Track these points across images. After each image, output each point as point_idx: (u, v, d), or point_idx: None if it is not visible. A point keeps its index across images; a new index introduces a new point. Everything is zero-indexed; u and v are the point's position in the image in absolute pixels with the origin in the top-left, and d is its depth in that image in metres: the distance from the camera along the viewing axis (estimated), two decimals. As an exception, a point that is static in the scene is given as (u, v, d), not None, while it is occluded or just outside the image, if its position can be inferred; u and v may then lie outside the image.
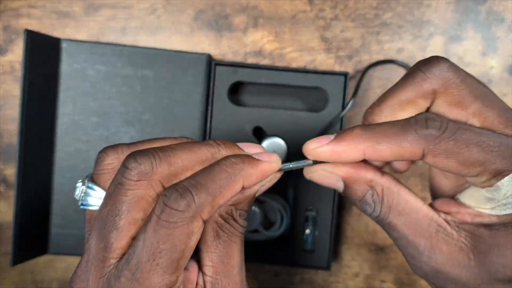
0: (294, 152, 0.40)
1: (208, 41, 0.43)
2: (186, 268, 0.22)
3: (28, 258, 0.38)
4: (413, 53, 0.43)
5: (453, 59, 0.43)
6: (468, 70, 0.43)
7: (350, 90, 0.43)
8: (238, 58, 0.43)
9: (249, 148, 0.24)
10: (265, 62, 0.43)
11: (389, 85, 0.43)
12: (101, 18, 0.43)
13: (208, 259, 0.22)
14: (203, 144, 0.22)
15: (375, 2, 0.43)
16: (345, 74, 0.40)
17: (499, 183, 0.21)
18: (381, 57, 0.43)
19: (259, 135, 0.41)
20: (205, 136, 0.40)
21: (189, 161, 0.21)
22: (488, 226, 0.21)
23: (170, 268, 0.19)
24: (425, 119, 0.21)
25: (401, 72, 0.43)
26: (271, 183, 0.24)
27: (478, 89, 0.23)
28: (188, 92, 0.40)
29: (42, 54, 0.38)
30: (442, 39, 0.43)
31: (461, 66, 0.42)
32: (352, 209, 0.44)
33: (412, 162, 0.29)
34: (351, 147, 0.22)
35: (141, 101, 0.40)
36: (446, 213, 0.23)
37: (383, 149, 0.21)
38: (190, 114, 0.40)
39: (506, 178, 0.20)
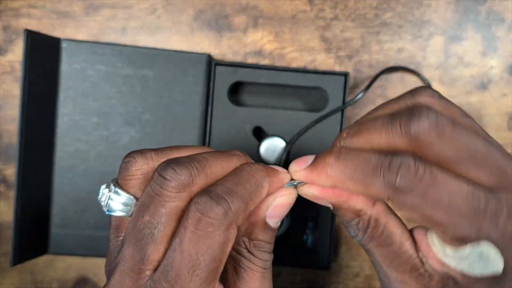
0: (294, 152, 0.40)
1: (208, 41, 0.43)
2: None
3: (28, 258, 0.38)
4: (413, 53, 0.43)
5: (453, 59, 0.43)
6: (468, 70, 0.43)
7: (351, 90, 0.43)
8: (238, 58, 0.43)
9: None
10: (265, 62, 0.43)
11: (388, 86, 0.43)
12: (101, 18, 0.43)
13: None
14: (231, 154, 0.22)
15: (375, 2, 0.43)
16: (345, 74, 0.40)
17: (461, 252, 0.20)
18: (381, 57, 0.43)
19: (259, 135, 0.41)
20: (205, 136, 0.40)
21: (222, 172, 0.21)
22: (455, 281, 0.20)
23: (209, 278, 0.19)
24: (398, 166, 0.19)
25: (400, 75, 0.43)
26: (286, 206, 0.23)
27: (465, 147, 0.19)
28: (188, 92, 0.40)
29: (42, 54, 0.38)
30: (442, 39, 0.43)
31: (461, 66, 0.43)
32: (352, 209, 0.44)
33: None
34: (322, 177, 0.21)
35: (141, 101, 0.40)
36: (420, 248, 0.22)
37: (350, 185, 0.20)
38: (190, 114, 0.40)
39: (468, 249, 0.19)
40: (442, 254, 0.21)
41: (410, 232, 0.23)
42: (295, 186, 0.24)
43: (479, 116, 0.43)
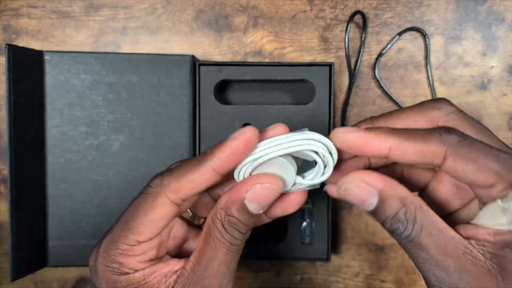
0: None
1: (208, 41, 0.43)
2: (163, 261, 0.25)
3: (27, 273, 0.38)
4: (413, 53, 0.43)
5: (453, 59, 0.43)
6: (468, 70, 0.43)
7: (337, 81, 0.43)
8: (238, 58, 0.43)
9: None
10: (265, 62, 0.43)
11: (389, 86, 0.43)
12: (101, 18, 0.43)
13: (192, 255, 0.25)
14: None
15: (375, 2, 0.43)
16: (329, 65, 0.40)
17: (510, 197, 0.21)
18: (381, 57, 0.43)
19: None
20: (195, 137, 0.40)
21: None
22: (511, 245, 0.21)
23: (134, 229, 0.24)
24: (448, 128, 0.22)
25: (400, 75, 0.43)
26: (265, 195, 0.24)
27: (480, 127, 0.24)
28: (174, 95, 0.40)
29: (26, 67, 0.37)
30: (442, 39, 0.43)
31: (461, 66, 0.43)
32: (352, 209, 0.44)
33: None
34: (379, 139, 0.22)
35: (129, 107, 0.40)
36: (466, 237, 0.23)
37: (408, 146, 0.22)
38: (178, 116, 0.40)
39: None
40: (495, 220, 0.22)
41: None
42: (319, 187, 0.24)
43: (479, 116, 0.43)
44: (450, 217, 0.26)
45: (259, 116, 0.40)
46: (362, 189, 0.23)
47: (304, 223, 0.41)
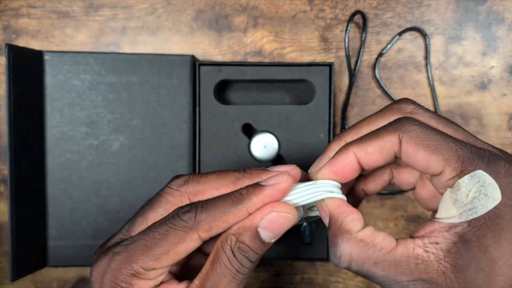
0: (285, 146, 0.40)
1: (208, 41, 0.43)
2: (166, 282, 0.25)
3: (27, 273, 0.38)
4: (413, 53, 0.43)
5: (453, 59, 0.43)
6: (468, 70, 0.43)
7: (337, 81, 0.43)
8: (238, 58, 0.43)
9: (276, 169, 0.25)
10: (265, 62, 0.43)
11: (389, 86, 0.43)
12: (101, 18, 0.43)
13: (197, 277, 0.24)
14: (232, 171, 0.25)
15: (375, 2, 0.43)
16: (329, 65, 0.40)
17: (459, 181, 0.22)
18: (381, 57, 0.43)
19: (248, 131, 0.41)
20: (195, 137, 0.40)
21: (217, 183, 0.25)
22: (463, 239, 0.21)
23: (155, 255, 0.23)
24: (399, 118, 0.24)
25: (400, 75, 0.43)
26: (280, 223, 0.24)
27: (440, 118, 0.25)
28: (174, 95, 0.40)
29: (26, 67, 0.37)
30: (442, 39, 0.43)
31: (461, 66, 0.43)
32: (352, 209, 0.44)
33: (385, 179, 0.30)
34: (344, 156, 0.24)
35: (128, 107, 0.40)
36: (423, 236, 0.23)
37: (368, 146, 0.24)
38: (178, 116, 0.40)
39: (466, 176, 0.22)
40: (448, 212, 0.22)
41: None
42: (301, 207, 0.25)
43: (479, 116, 0.43)
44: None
45: (259, 116, 0.40)
46: (321, 208, 0.25)
47: (304, 223, 0.41)
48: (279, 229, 0.24)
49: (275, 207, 0.23)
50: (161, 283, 0.25)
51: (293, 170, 0.25)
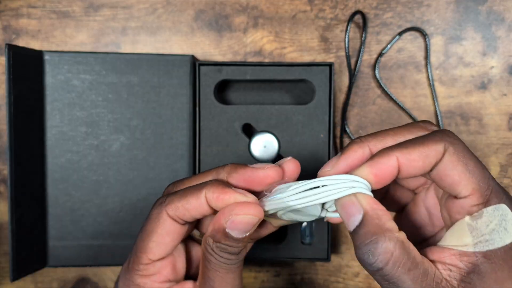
0: (285, 146, 0.40)
1: (208, 41, 0.43)
2: (178, 283, 0.27)
3: (27, 273, 0.38)
4: (413, 53, 0.43)
5: (453, 59, 0.43)
6: (468, 70, 0.43)
7: (337, 81, 0.43)
8: (238, 58, 0.43)
9: (262, 168, 0.26)
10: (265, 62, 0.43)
11: (389, 86, 0.43)
12: (101, 18, 0.43)
13: (198, 278, 0.27)
14: (216, 168, 0.26)
15: (375, 2, 0.43)
16: (329, 65, 0.40)
17: (484, 210, 0.22)
18: (381, 57, 0.43)
19: (248, 132, 0.41)
20: (195, 137, 0.40)
21: (196, 181, 0.26)
22: (478, 270, 0.21)
23: (146, 248, 0.26)
24: (442, 129, 0.23)
25: (400, 75, 0.43)
26: (244, 223, 0.24)
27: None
28: (174, 95, 0.40)
29: (26, 67, 0.37)
30: (442, 39, 0.43)
31: (461, 66, 0.43)
32: (352, 209, 0.44)
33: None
34: (386, 159, 0.23)
35: (129, 107, 0.40)
36: (432, 260, 0.23)
37: (413, 152, 0.23)
38: (178, 116, 0.40)
39: (491, 207, 0.22)
40: (461, 240, 0.22)
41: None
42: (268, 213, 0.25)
43: (479, 116, 0.43)
44: (420, 244, 0.26)
45: (259, 116, 0.40)
46: (351, 203, 0.23)
47: (304, 223, 0.41)
48: (246, 227, 0.24)
49: (234, 209, 0.24)
50: (174, 284, 0.27)
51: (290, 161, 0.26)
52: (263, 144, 0.40)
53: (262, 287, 0.44)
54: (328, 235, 0.41)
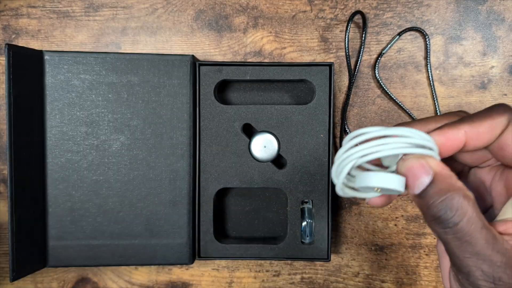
0: (285, 146, 0.40)
1: (208, 41, 0.43)
2: None
3: (27, 273, 0.38)
4: (413, 53, 0.43)
5: (453, 59, 0.43)
6: (468, 70, 0.43)
7: (337, 81, 0.43)
8: (238, 58, 0.43)
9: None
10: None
11: (389, 86, 0.43)
12: (101, 18, 0.43)
13: None
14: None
15: (375, 2, 0.43)
16: (329, 65, 0.40)
17: None
18: (381, 57, 0.43)
19: (248, 131, 0.41)
20: (195, 136, 0.40)
21: None
22: None
23: None
24: (501, 103, 0.24)
25: (400, 75, 0.43)
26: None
27: None
28: (174, 95, 0.40)
29: (26, 67, 0.37)
30: (442, 39, 0.43)
31: (461, 66, 0.43)
32: (352, 209, 0.44)
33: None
34: (455, 130, 0.24)
35: (129, 107, 0.40)
36: (500, 233, 0.23)
37: (480, 126, 0.24)
38: (179, 116, 0.40)
39: None
40: None
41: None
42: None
43: (479, 116, 0.43)
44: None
45: (259, 116, 0.40)
46: (421, 165, 0.23)
47: (304, 223, 0.41)
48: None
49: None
50: None
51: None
52: (263, 144, 0.40)
53: (262, 287, 0.44)
54: (328, 235, 0.41)
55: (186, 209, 0.40)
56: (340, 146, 0.43)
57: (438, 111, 0.43)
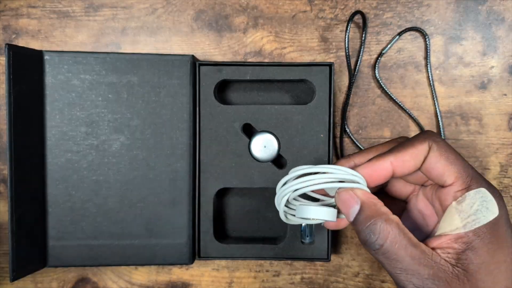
0: (285, 146, 0.40)
1: (208, 41, 0.43)
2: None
3: (27, 273, 0.38)
4: (413, 53, 0.43)
5: (453, 59, 0.43)
6: (468, 70, 0.43)
7: (337, 81, 0.43)
8: (238, 58, 0.43)
9: None
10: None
11: (389, 86, 0.43)
12: (101, 18, 0.43)
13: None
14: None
15: (375, 2, 0.43)
16: (329, 65, 0.40)
17: (467, 193, 0.26)
18: (381, 57, 0.43)
19: (248, 132, 0.41)
20: (195, 137, 0.40)
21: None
22: (471, 246, 0.25)
23: None
24: (425, 130, 0.28)
25: (400, 75, 0.43)
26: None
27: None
28: (174, 95, 0.40)
29: (26, 67, 0.37)
30: (442, 39, 0.43)
31: (461, 66, 0.43)
32: (352, 209, 0.44)
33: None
34: (381, 162, 0.28)
35: (129, 107, 0.40)
36: (432, 249, 0.26)
37: (404, 155, 0.27)
38: (178, 116, 0.40)
39: (473, 191, 0.26)
40: (452, 224, 0.26)
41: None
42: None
43: (479, 116, 0.43)
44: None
45: (259, 116, 0.40)
46: (350, 196, 0.27)
47: (304, 223, 0.40)
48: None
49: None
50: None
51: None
52: (263, 144, 0.40)
53: (262, 287, 0.44)
54: (328, 235, 0.41)
55: (186, 209, 0.40)
56: (341, 146, 0.43)
57: (438, 111, 0.43)
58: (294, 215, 0.31)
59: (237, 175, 0.41)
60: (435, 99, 0.43)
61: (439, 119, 0.43)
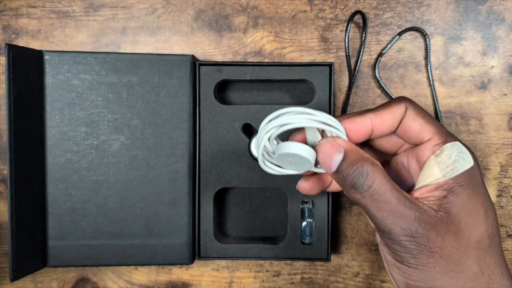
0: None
1: (208, 41, 0.43)
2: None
3: (27, 273, 0.38)
4: (413, 53, 0.43)
5: (453, 59, 0.43)
6: (468, 70, 0.43)
7: (337, 81, 0.43)
8: (238, 58, 0.43)
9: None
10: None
11: (389, 86, 0.43)
12: (101, 18, 0.43)
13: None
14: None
15: (375, 2, 0.43)
16: (329, 65, 0.40)
17: (444, 146, 0.27)
18: (381, 58, 0.43)
19: (248, 132, 0.41)
20: (195, 137, 0.40)
21: None
22: (452, 191, 0.26)
23: None
24: (402, 96, 0.29)
25: (400, 75, 0.43)
26: None
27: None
28: (174, 95, 0.40)
29: (26, 67, 0.37)
30: (442, 39, 0.43)
31: (461, 66, 0.43)
32: (352, 209, 0.44)
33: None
34: (362, 118, 0.29)
35: (129, 107, 0.40)
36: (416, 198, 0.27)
37: (383, 114, 0.28)
38: (179, 116, 0.40)
39: (449, 143, 0.27)
40: (432, 176, 0.27)
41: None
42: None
43: (479, 116, 0.43)
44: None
45: (259, 116, 0.40)
46: (332, 145, 0.28)
47: (304, 223, 0.41)
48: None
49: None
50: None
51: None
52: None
53: (262, 287, 0.44)
54: (328, 235, 0.41)
55: (186, 209, 0.40)
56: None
57: (438, 111, 0.43)
58: (272, 163, 0.31)
59: (237, 175, 0.41)
60: (435, 99, 0.43)
61: (439, 119, 0.43)
